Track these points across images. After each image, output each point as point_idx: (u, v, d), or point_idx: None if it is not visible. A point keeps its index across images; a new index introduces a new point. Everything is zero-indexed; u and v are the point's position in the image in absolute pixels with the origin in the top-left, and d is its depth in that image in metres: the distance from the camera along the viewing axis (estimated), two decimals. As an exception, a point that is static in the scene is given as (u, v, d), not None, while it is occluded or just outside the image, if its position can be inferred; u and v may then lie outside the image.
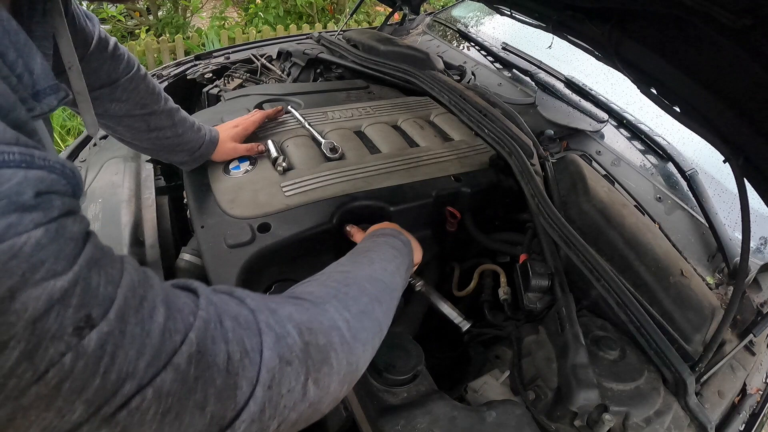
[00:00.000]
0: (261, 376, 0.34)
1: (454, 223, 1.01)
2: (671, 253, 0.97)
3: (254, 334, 0.36)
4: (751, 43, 0.73)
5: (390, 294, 0.55)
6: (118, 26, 4.41)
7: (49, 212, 0.27)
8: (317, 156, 1.02)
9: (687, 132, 0.96)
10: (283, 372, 0.36)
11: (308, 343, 0.39)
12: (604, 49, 1.06)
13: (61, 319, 0.25)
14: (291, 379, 0.36)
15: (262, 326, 0.37)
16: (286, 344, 0.37)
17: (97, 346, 0.26)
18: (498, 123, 1.16)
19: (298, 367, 0.37)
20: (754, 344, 0.93)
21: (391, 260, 0.61)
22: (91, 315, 0.26)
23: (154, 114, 0.83)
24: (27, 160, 0.26)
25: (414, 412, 0.66)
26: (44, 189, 0.27)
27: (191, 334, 0.32)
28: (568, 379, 0.70)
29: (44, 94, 0.36)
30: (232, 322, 0.35)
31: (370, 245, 0.64)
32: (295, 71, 1.64)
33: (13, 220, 0.24)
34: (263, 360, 0.35)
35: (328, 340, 0.41)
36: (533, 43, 1.69)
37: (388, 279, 0.56)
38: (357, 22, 5.18)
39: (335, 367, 0.41)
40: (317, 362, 0.39)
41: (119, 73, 0.76)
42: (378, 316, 0.51)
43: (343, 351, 0.42)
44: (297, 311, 0.42)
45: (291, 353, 0.37)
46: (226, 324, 0.35)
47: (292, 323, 0.39)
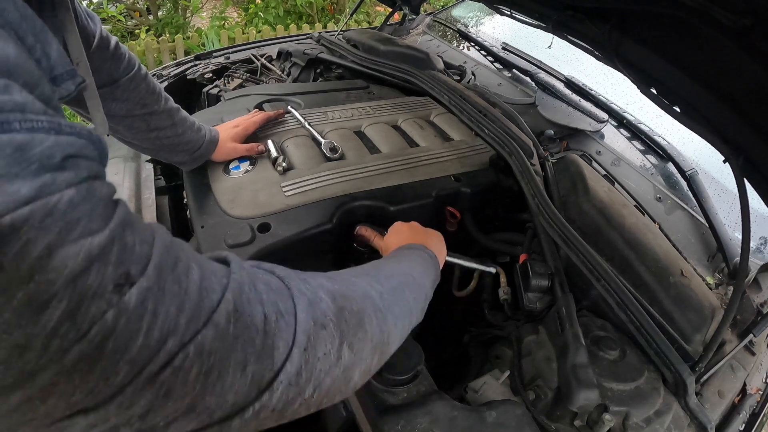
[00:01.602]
0: (297, 338, 0.34)
1: (454, 223, 1.01)
2: (671, 253, 0.97)
3: (287, 298, 0.36)
4: (751, 43, 0.73)
5: (418, 288, 0.56)
6: (118, 26, 4.40)
7: (79, 173, 0.27)
8: (317, 156, 1.02)
9: (687, 132, 0.96)
10: (318, 335, 0.36)
11: (342, 308, 0.40)
12: (604, 49, 1.06)
13: (101, 276, 0.25)
14: (326, 342, 0.37)
15: (294, 291, 0.37)
16: (319, 308, 0.38)
17: (138, 302, 0.26)
18: (498, 123, 1.16)
19: (333, 331, 0.38)
20: (754, 344, 0.93)
21: (419, 264, 0.61)
22: (129, 272, 0.27)
23: (154, 114, 0.83)
24: (55, 127, 0.26)
25: (414, 412, 0.66)
26: (73, 153, 0.27)
27: (227, 293, 0.32)
28: (568, 379, 0.70)
29: (62, 79, 0.36)
30: (265, 287, 0.35)
31: (397, 253, 0.65)
32: (295, 71, 1.64)
33: (47, 180, 0.24)
34: (298, 322, 0.35)
35: (361, 306, 0.42)
36: (533, 43, 1.70)
37: (417, 275, 0.57)
38: (357, 22, 5.18)
39: (369, 333, 0.41)
40: (351, 326, 0.40)
41: (120, 72, 0.76)
42: (408, 299, 0.51)
43: (377, 318, 0.43)
44: (328, 281, 0.42)
45: (325, 317, 0.38)
46: (260, 287, 0.35)
47: (323, 290, 0.40)
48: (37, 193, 0.24)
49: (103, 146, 0.31)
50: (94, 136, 0.30)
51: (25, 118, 0.25)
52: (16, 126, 0.24)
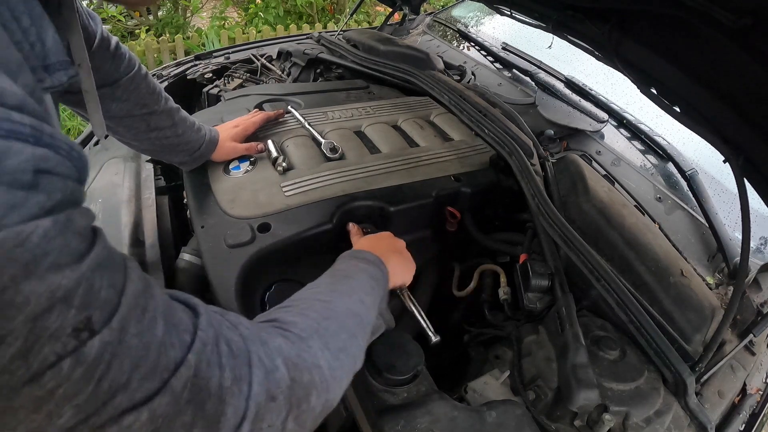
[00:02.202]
0: (249, 410, 0.34)
1: (454, 223, 1.01)
2: (671, 253, 0.97)
3: (245, 365, 0.35)
4: (751, 43, 0.73)
5: (365, 329, 0.55)
6: (118, 26, 4.40)
7: (52, 195, 0.25)
8: (317, 156, 1.02)
9: (687, 132, 0.96)
10: (267, 407, 0.36)
11: (294, 379, 0.39)
12: (604, 49, 1.06)
13: (62, 318, 0.24)
14: (273, 415, 0.36)
15: (253, 358, 0.36)
16: (274, 379, 0.37)
17: (98, 353, 0.26)
18: (498, 123, 1.16)
19: (282, 403, 0.37)
20: (754, 344, 0.93)
21: (369, 293, 0.60)
22: (92, 318, 0.26)
23: (154, 114, 0.83)
24: (36, 134, 0.25)
25: (414, 412, 0.66)
26: (48, 168, 0.26)
27: (190, 355, 0.31)
28: (568, 379, 0.70)
29: (54, 69, 0.35)
30: (227, 348, 0.35)
31: (351, 271, 0.63)
32: (295, 71, 1.64)
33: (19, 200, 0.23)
34: (251, 394, 0.35)
35: (311, 377, 0.41)
36: (533, 43, 1.70)
37: (364, 314, 0.56)
38: (357, 22, 5.18)
39: (313, 405, 0.41)
40: (299, 399, 0.39)
41: (120, 72, 0.76)
42: (354, 351, 0.51)
43: (323, 389, 0.43)
44: (286, 344, 0.41)
45: (277, 389, 0.37)
46: (222, 348, 0.34)
47: (281, 357, 0.39)
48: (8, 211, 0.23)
49: (83, 162, 0.30)
50: (73, 151, 0.29)
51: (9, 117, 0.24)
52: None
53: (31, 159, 0.24)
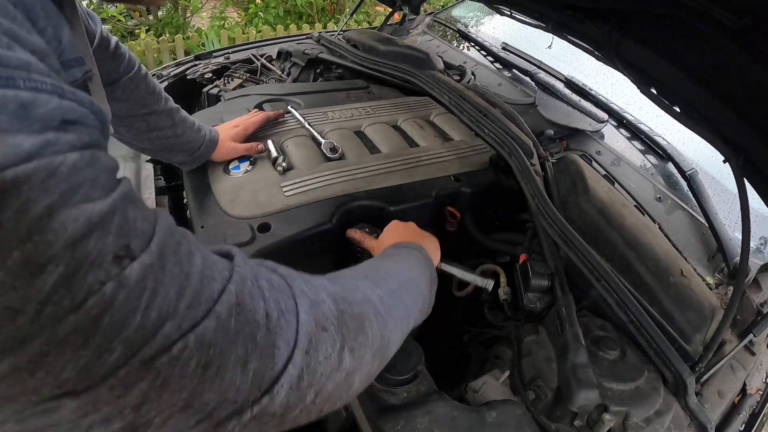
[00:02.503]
0: (299, 339, 0.33)
1: (454, 223, 1.01)
2: (671, 253, 0.97)
3: (289, 297, 0.35)
4: (751, 43, 0.73)
5: (416, 291, 0.55)
6: (118, 26, 4.40)
7: (81, 137, 0.26)
8: (317, 156, 1.02)
9: (687, 132, 0.96)
10: (319, 337, 0.35)
11: (343, 311, 0.39)
12: (604, 49, 1.06)
13: (101, 244, 0.24)
14: (327, 345, 0.36)
15: (296, 291, 0.36)
16: (320, 310, 0.37)
17: (139, 278, 0.25)
18: (498, 123, 1.16)
19: (334, 334, 0.37)
20: (754, 344, 0.93)
21: (416, 265, 0.61)
22: (130, 246, 0.26)
23: (154, 114, 0.83)
24: (58, 90, 0.26)
25: (414, 412, 0.66)
26: (74, 118, 0.26)
27: (230, 285, 0.31)
28: (568, 379, 0.70)
29: (69, 65, 0.36)
30: (268, 283, 0.34)
31: (394, 251, 0.64)
32: (295, 71, 1.64)
33: (51, 138, 0.24)
34: (300, 323, 0.34)
35: (362, 310, 0.41)
36: (533, 43, 1.69)
37: (414, 278, 0.57)
38: (357, 22, 5.18)
39: (369, 338, 0.41)
40: (352, 330, 0.39)
41: (120, 72, 0.76)
42: (407, 303, 0.51)
43: (378, 323, 0.42)
44: (330, 283, 0.41)
45: (326, 319, 0.36)
46: (262, 283, 0.34)
47: (325, 292, 0.39)
48: (40, 149, 0.23)
49: (104, 118, 0.30)
50: (96, 106, 0.29)
51: (30, 77, 0.24)
52: (20, 83, 0.24)
53: (59, 109, 0.25)
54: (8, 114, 0.23)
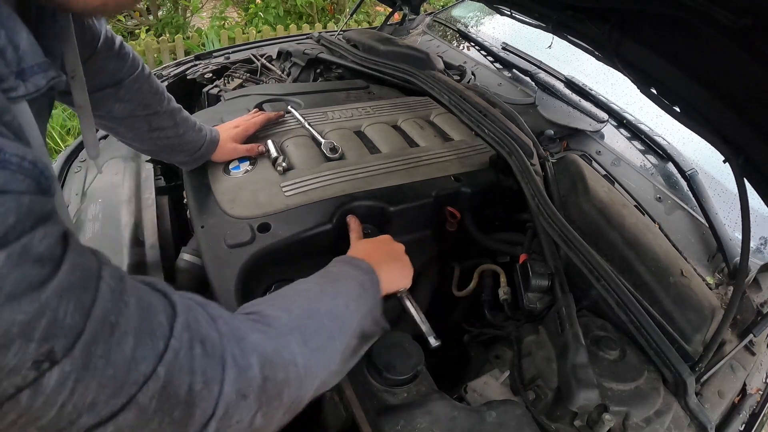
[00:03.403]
0: (217, 410, 0.34)
1: (454, 223, 1.01)
2: (671, 253, 0.97)
3: (218, 365, 0.35)
4: (751, 43, 0.73)
5: (345, 333, 0.55)
6: (118, 26, 4.41)
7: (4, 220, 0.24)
8: (317, 156, 1.02)
9: (687, 132, 0.96)
10: (237, 405, 0.36)
11: (267, 377, 0.39)
12: (604, 49, 1.06)
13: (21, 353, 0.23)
14: (243, 412, 0.37)
15: (227, 358, 0.36)
16: (246, 378, 0.37)
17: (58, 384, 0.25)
18: (498, 123, 1.16)
19: (252, 402, 0.37)
20: (754, 344, 0.93)
21: (355, 299, 0.60)
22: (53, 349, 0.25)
23: (156, 114, 0.82)
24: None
25: (414, 412, 0.66)
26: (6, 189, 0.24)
27: (160, 368, 0.30)
28: (568, 379, 0.70)
29: (31, 72, 0.32)
30: (201, 349, 0.34)
31: (342, 275, 0.63)
32: (295, 71, 1.64)
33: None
34: (222, 394, 0.35)
35: (285, 375, 0.41)
36: (533, 43, 1.69)
37: (347, 318, 0.56)
38: (357, 22, 5.17)
39: (284, 402, 0.41)
40: (271, 397, 0.40)
41: (124, 73, 0.76)
42: (331, 353, 0.51)
43: (296, 386, 0.43)
44: (263, 340, 0.41)
45: (249, 388, 0.37)
46: (195, 351, 0.34)
47: (256, 355, 0.39)
48: None
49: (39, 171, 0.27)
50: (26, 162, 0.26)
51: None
52: None
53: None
54: None
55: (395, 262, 0.74)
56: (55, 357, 0.25)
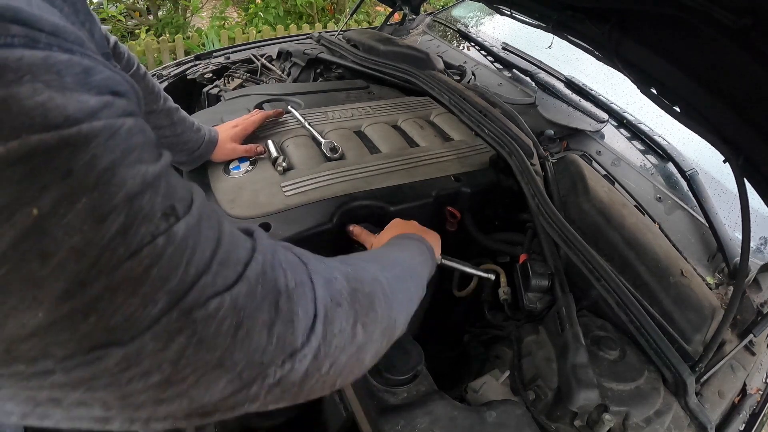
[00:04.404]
0: (318, 312, 0.35)
1: (454, 223, 1.01)
2: (671, 253, 0.97)
3: (304, 274, 0.37)
4: (751, 43, 0.73)
5: (418, 279, 0.57)
6: (118, 26, 4.40)
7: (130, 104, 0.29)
8: (317, 156, 1.02)
9: (687, 132, 0.96)
10: (334, 311, 0.37)
11: (355, 289, 0.41)
12: (604, 49, 1.06)
13: (152, 202, 0.27)
14: (342, 319, 0.38)
15: (311, 268, 0.38)
16: (334, 287, 0.39)
17: (184, 236, 0.28)
18: (498, 123, 1.16)
19: (348, 309, 0.39)
20: (754, 344, 0.93)
21: (418, 255, 0.62)
22: (175, 206, 0.28)
23: (152, 113, 0.82)
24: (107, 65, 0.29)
25: (414, 412, 0.66)
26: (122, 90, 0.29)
27: (257, 254, 0.33)
28: (568, 379, 0.70)
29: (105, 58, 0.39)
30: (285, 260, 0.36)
31: (398, 241, 0.66)
32: (295, 71, 1.64)
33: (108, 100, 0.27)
34: (317, 297, 0.36)
35: (372, 289, 0.43)
36: (533, 43, 1.70)
37: (417, 266, 0.58)
38: (357, 22, 5.17)
39: (379, 315, 0.43)
40: (364, 307, 0.41)
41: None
42: (410, 288, 0.53)
43: (386, 302, 0.44)
44: (340, 262, 0.44)
45: (340, 295, 0.39)
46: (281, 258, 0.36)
47: (338, 271, 0.41)
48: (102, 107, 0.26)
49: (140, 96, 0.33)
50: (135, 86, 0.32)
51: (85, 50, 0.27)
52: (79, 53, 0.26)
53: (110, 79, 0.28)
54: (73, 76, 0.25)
55: (426, 232, 0.76)
56: (178, 213, 0.28)
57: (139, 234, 0.26)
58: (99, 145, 0.25)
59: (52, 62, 0.25)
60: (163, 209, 0.27)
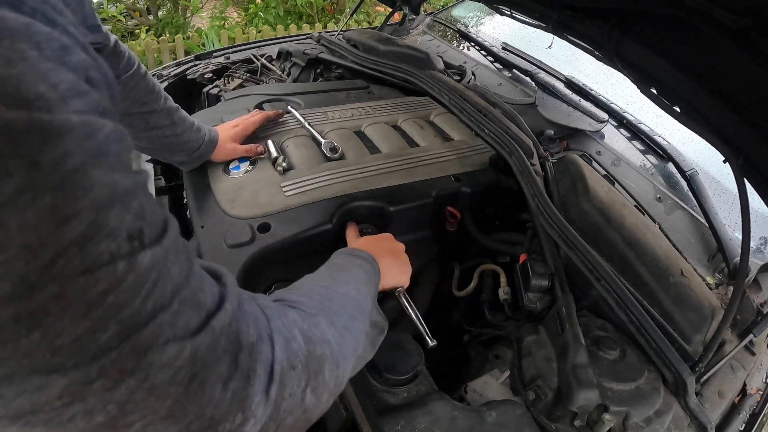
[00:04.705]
0: (275, 372, 0.34)
1: (454, 223, 1.01)
2: (671, 253, 0.97)
3: (266, 330, 0.36)
4: (751, 43, 0.73)
5: (364, 315, 0.55)
6: (118, 26, 4.40)
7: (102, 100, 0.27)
8: (317, 156, 1.02)
9: (687, 132, 0.96)
10: (288, 375, 0.36)
11: (309, 351, 0.40)
12: (604, 49, 1.06)
13: (120, 219, 0.25)
14: (294, 383, 0.37)
15: (273, 326, 0.37)
16: (292, 348, 0.38)
17: (148, 267, 0.26)
18: (498, 123, 1.16)
19: (301, 373, 0.38)
20: (754, 344, 0.93)
21: (365, 284, 0.60)
22: (143, 231, 0.26)
23: (153, 112, 0.83)
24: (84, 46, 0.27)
25: (414, 412, 0.66)
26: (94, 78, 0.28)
27: (227, 304, 0.32)
28: (568, 379, 0.70)
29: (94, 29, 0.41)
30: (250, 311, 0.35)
31: (347, 264, 0.64)
32: (295, 71, 1.64)
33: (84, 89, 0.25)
34: (275, 357, 0.35)
35: (322, 351, 0.42)
36: (533, 43, 1.69)
37: (362, 301, 0.56)
38: (357, 22, 5.17)
39: (327, 378, 0.42)
40: (315, 371, 0.40)
41: (120, 70, 0.76)
42: (356, 333, 0.51)
43: (333, 364, 0.43)
44: (299, 318, 0.42)
45: (296, 358, 0.38)
46: (246, 308, 0.35)
47: (297, 329, 0.40)
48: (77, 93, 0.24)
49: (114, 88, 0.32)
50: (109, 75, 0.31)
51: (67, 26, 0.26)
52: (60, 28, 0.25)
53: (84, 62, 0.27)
54: (52, 51, 0.24)
55: (394, 258, 0.74)
56: (145, 240, 0.26)
57: (98, 249, 0.24)
58: (73, 142, 0.23)
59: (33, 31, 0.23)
60: (130, 230, 0.25)
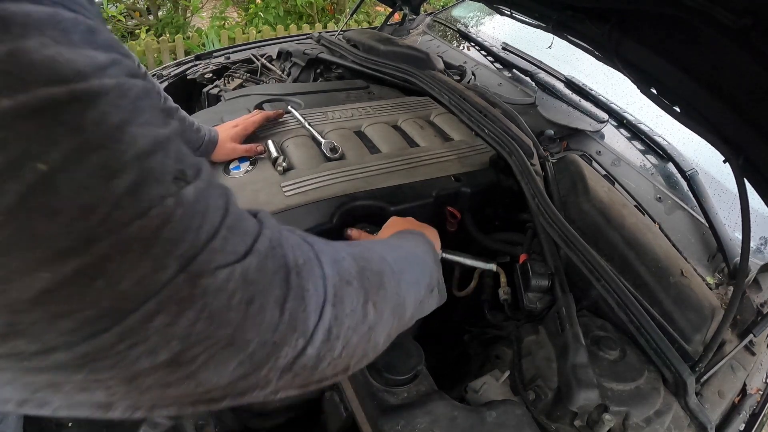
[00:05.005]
0: (327, 291, 0.34)
1: (454, 223, 1.01)
2: (671, 253, 0.97)
3: (311, 252, 0.36)
4: (751, 43, 0.73)
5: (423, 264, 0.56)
6: (118, 26, 4.40)
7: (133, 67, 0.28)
8: (317, 156, 1.02)
9: (687, 132, 0.96)
10: (344, 290, 0.36)
11: (363, 267, 0.40)
12: (604, 49, 1.06)
13: (163, 163, 0.26)
14: (352, 298, 0.37)
15: (316, 248, 0.37)
16: (342, 266, 0.38)
17: (194, 199, 0.27)
18: (498, 123, 1.16)
19: (358, 288, 0.38)
20: (754, 344, 0.93)
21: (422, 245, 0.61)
22: (185, 171, 0.28)
23: None
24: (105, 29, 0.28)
25: (414, 412, 0.66)
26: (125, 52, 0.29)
27: (265, 230, 0.32)
28: (568, 379, 0.70)
29: None
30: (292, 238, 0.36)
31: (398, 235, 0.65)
32: (295, 71, 1.64)
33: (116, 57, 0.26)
34: (326, 275, 0.35)
35: (380, 268, 0.42)
36: (533, 43, 1.69)
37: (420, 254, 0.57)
38: (357, 22, 5.17)
39: (388, 294, 0.42)
40: (374, 285, 0.40)
41: None
42: (416, 270, 0.51)
43: (394, 280, 0.43)
44: (346, 245, 0.43)
45: (349, 274, 0.38)
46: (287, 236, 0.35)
47: (344, 251, 0.40)
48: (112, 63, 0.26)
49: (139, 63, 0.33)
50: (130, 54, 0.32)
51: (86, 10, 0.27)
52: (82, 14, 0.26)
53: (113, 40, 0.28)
54: (80, 34, 0.25)
55: (424, 227, 0.75)
56: (188, 178, 0.28)
57: (149, 194, 0.25)
58: (109, 102, 0.24)
59: (59, 19, 0.24)
60: (174, 172, 0.27)
